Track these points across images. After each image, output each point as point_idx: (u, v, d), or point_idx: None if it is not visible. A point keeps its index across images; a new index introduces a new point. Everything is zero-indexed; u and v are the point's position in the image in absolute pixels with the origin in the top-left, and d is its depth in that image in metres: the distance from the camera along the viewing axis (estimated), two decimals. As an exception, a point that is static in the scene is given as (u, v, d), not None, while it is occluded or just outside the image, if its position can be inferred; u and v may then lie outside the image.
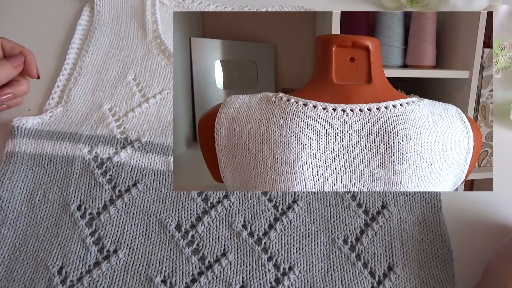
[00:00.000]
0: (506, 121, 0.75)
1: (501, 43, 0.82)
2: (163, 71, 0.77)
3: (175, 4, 0.88)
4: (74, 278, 0.56)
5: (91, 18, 0.83)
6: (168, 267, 0.57)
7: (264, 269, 0.58)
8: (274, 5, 0.88)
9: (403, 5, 0.87)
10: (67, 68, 0.76)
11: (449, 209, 0.64)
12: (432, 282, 0.58)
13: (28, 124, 0.67)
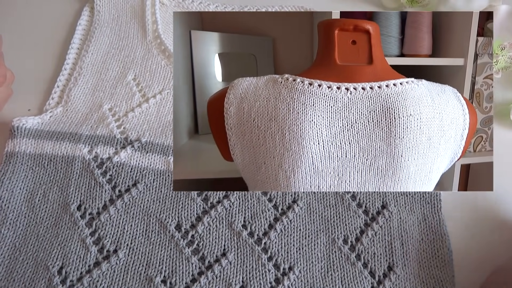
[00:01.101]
0: (506, 121, 0.75)
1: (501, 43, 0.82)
2: (163, 71, 0.77)
3: (175, 4, 0.88)
4: (74, 278, 0.56)
5: (91, 18, 0.83)
6: (168, 267, 0.57)
7: (264, 269, 0.58)
8: (274, 5, 0.88)
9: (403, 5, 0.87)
10: (67, 68, 0.76)
11: (449, 209, 0.64)
12: (432, 282, 0.58)
13: (28, 124, 0.67)
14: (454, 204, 0.64)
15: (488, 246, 0.61)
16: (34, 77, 0.75)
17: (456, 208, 0.64)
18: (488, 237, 0.62)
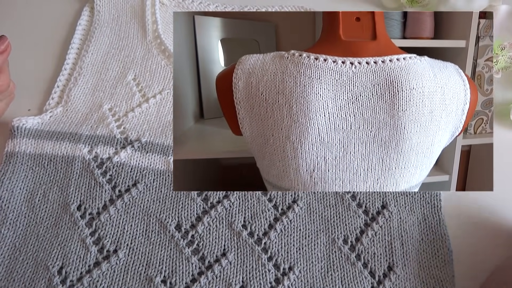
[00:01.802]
0: (506, 121, 0.75)
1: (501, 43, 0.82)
2: (163, 71, 0.77)
3: (175, 4, 0.88)
4: (74, 278, 0.56)
5: (91, 18, 0.83)
6: (168, 267, 0.57)
7: (264, 269, 0.58)
8: (274, 5, 0.88)
9: (403, 5, 0.87)
10: (67, 68, 0.76)
11: (449, 209, 0.64)
12: (432, 282, 0.58)
13: (28, 124, 0.67)
14: (454, 204, 0.64)
15: (488, 246, 0.61)
16: (34, 77, 0.75)
17: (456, 208, 0.64)
18: (488, 237, 0.62)
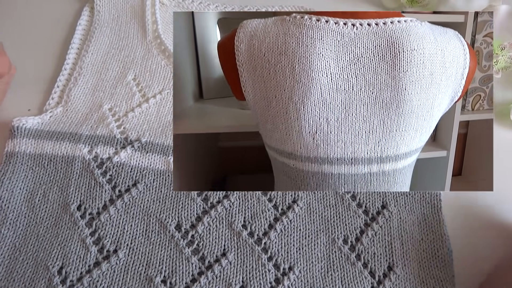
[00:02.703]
0: (506, 121, 0.75)
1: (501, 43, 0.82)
2: (163, 71, 0.77)
3: (175, 4, 0.88)
4: (74, 278, 0.56)
5: (91, 18, 0.83)
6: (168, 267, 0.57)
7: (264, 269, 0.58)
8: (274, 5, 0.88)
9: (403, 5, 0.87)
10: (67, 68, 0.76)
11: (449, 209, 0.64)
12: (432, 282, 0.58)
13: (28, 124, 0.67)
14: (454, 204, 0.64)
15: (488, 246, 0.61)
16: (34, 77, 0.75)
17: (456, 208, 0.64)
18: (488, 237, 0.62)
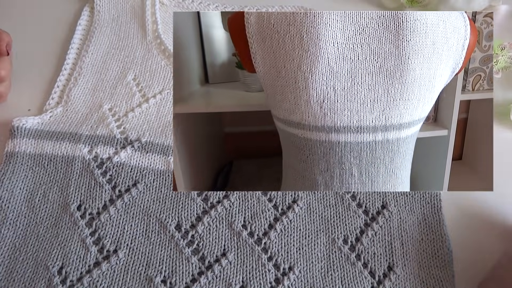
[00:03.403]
0: (506, 121, 0.75)
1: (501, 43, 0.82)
2: (163, 71, 0.77)
3: (175, 4, 0.88)
4: (74, 278, 0.56)
5: (91, 18, 0.83)
6: (168, 267, 0.57)
7: (264, 269, 0.58)
8: (274, 5, 0.89)
9: (403, 5, 0.88)
10: (67, 68, 0.76)
11: (449, 209, 0.64)
12: (432, 282, 0.58)
13: (28, 124, 0.67)
14: (454, 204, 0.64)
15: (488, 246, 0.61)
16: (34, 77, 0.75)
17: (456, 208, 0.64)
18: (488, 237, 0.62)
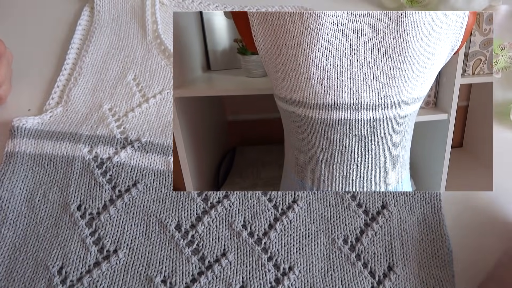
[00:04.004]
0: (506, 121, 0.75)
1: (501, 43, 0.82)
2: (163, 71, 0.77)
3: (175, 4, 0.88)
4: (74, 278, 0.56)
5: (91, 18, 0.83)
6: (168, 267, 0.57)
7: (264, 269, 0.58)
8: (274, 5, 0.89)
9: (403, 5, 0.88)
10: (67, 68, 0.76)
11: (449, 209, 0.64)
12: (432, 282, 0.58)
13: (28, 124, 0.67)
14: (454, 204, 0.64)
15: (488, 246, 0.61)
16: (34, 77, 0.75)
17: (456, 208, 0.64)
18: (488, 237, 0.62)
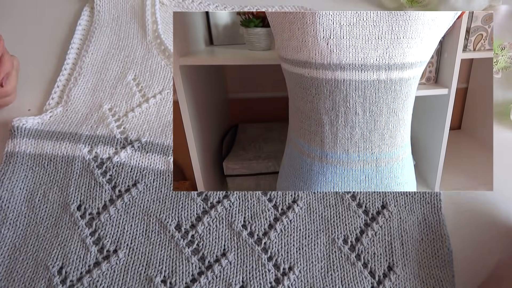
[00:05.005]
0: (506, 121, 0.76)
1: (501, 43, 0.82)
2: (163, 71, 0.77)
3: (175, 4, 0.88)
4: (74, 278, 0.56)
5: (91, 18, 0.83)
6: (168, 267, 0.57)
7: (264, 269, 0.58)
8: (274, 5, 0.89)
9: (403, 5, 0.88)
10: (67, 68, 0.76)
11: (449, 209, 0.64)
12: (432, 282, 0.58)
13: (28, 124, 0.67)
14: (454, 204, 0.64)
15: (488, 246, 0.61)
16: (34, 77, 0.75)
17: (456, 208, 0.64)
18: (488, 237, 0.62)
